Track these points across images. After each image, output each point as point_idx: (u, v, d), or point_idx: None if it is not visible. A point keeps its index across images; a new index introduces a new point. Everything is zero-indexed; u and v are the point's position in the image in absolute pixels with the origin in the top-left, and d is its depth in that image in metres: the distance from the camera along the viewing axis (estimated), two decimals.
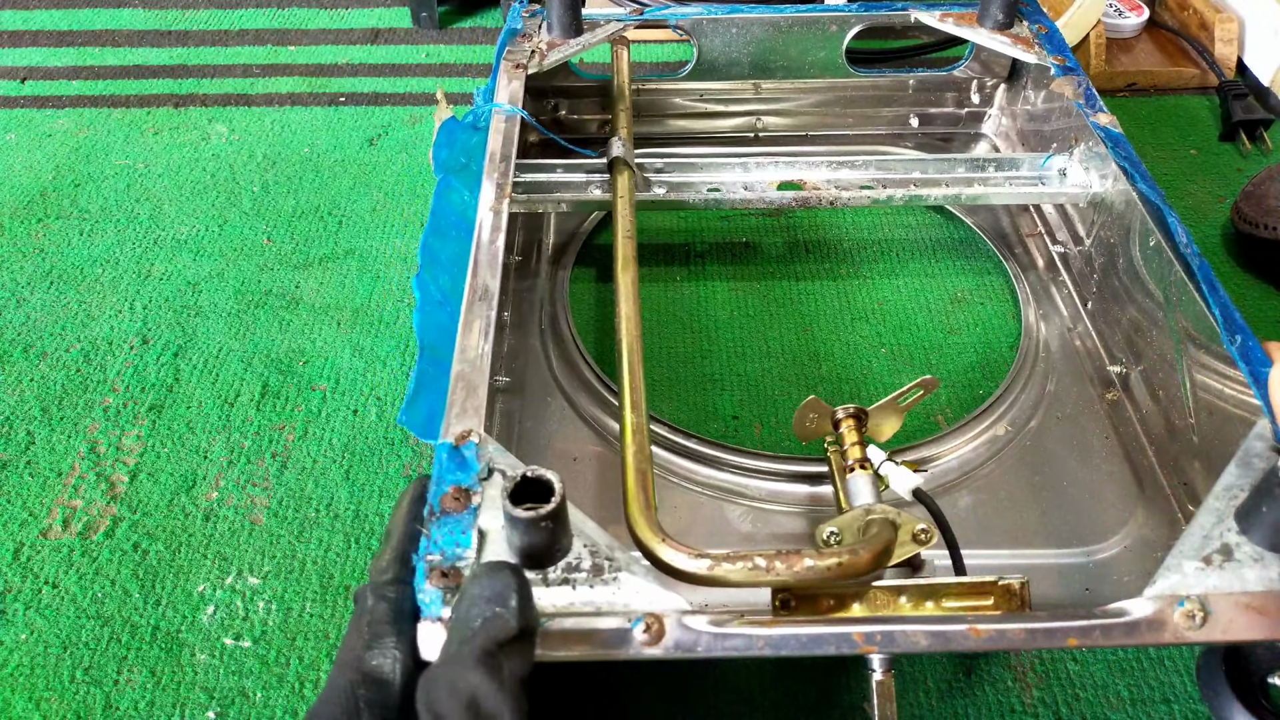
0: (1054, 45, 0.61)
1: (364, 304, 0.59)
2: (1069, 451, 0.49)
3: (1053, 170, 0.57)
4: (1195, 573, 0.33)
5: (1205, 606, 0.32)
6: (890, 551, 0.35)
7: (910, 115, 0.70)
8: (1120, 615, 0.32)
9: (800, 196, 0.56)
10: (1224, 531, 0.34)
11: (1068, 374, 0.53)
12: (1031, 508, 0.47)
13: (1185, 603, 0.32)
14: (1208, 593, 0.33)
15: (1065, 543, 0.45)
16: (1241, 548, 0.34)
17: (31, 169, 0.69)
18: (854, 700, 0.41)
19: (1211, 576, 0.33)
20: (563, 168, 0.56)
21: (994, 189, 0.56)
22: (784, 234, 0.64)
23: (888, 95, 0.69)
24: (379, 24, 0.86)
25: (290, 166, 0.69)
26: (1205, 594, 0.33)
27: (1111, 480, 0.48)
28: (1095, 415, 0.51)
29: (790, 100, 0.69)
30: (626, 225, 0.51)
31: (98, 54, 0.82)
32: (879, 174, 0.57)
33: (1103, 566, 0.45)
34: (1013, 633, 0.32)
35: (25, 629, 0.43)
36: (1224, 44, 0.76)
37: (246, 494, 0.48)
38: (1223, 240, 0.63)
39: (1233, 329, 0.42)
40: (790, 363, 0.55)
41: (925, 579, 0.35)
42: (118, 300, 0.59)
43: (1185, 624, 0.32)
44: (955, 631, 0.31)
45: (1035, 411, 0.51)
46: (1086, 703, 0.41)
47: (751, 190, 0.56)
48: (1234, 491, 0.36)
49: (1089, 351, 0.54)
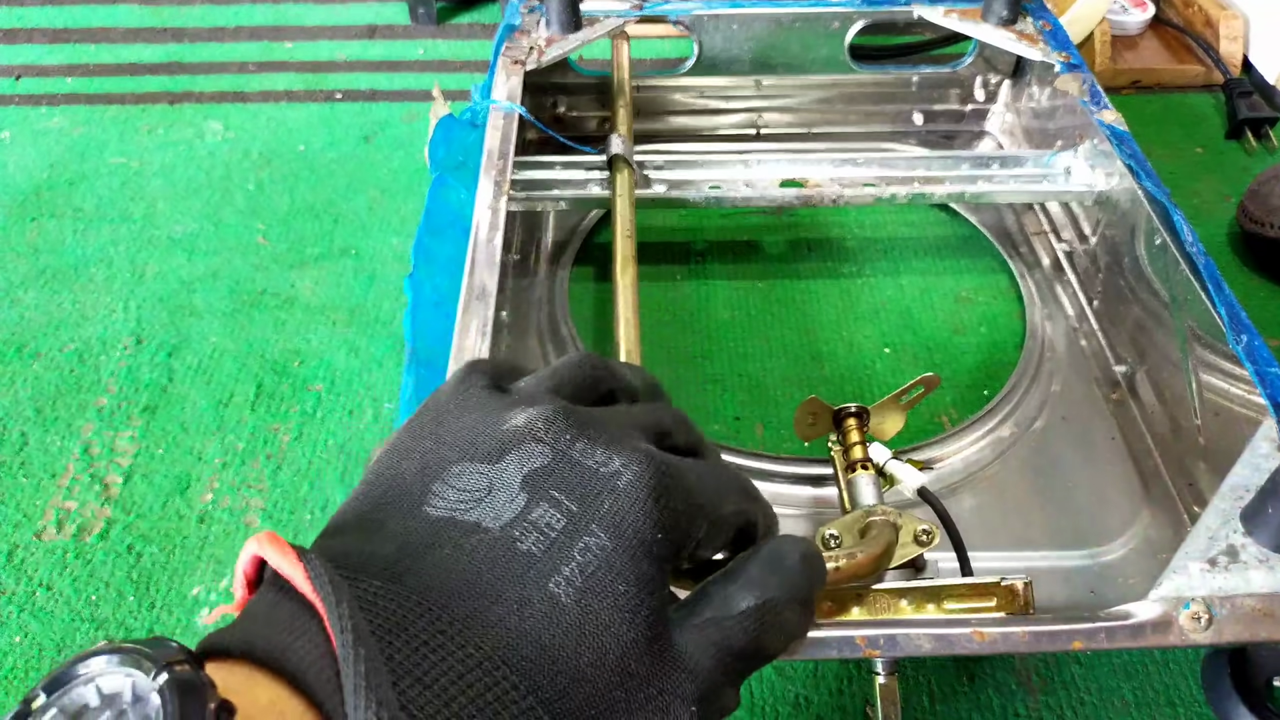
0: (1058, 41, 0.60)
1: (360, 303, 0.58)
2: (1074, 452, 0.49)
3: (1058, 168, 0.56)
4: (1201, 574, 0.33)
5: (1210, 609, 0.32)
6: (890, 554, 0.34)
7: (914, 112, 0.69)
8: (1125, 618, 0.32)
9: (803, 194, 0.55)
10: (1230, 533, 0.34)
11: (1073, 374, 0.53)
12: (1036, 509, 0.46)
13: (1191, 605, 0.32)
14: (1213, 595, 0.33)
15: (1070, 544, 0.45)
16: (1247, 549, 0.34)
17: (25, 167, 0.69)
18: (857, 706, 0.40)
19: (1217, 578, 0.33)
20: (561, 165, 0.56)
21: (998, 186, 0.56)
22: (786, 233, 0.63)
23: (891, 92, 0.68)
24: (376, 20, 0.85)
25: (285, 164, 0.69)
26: (1210, 596, 0.33)
27: (1117, 481, 0.48)
28: (1101, 416, 0.51)
29: (792, 97, 0.68)
30: (626, 224, 0.51)
31: (92, 51, 0.81)
32: (882, 171, 0.56)
33: (1108, 568, 0.44)
34: (1016, 636, 0.31)
35: (19, 631, 0.43)
36: (1229, 41, 0.75)
37: (241, 496, 0.48)
38: (1229, 239, 0.62)
39: (1238, 328, 0.41)
40: (792, 363, 0.54)
41: (926, 581, 0.35)
42: (112, 300, 0.58)
43: (1191, 626, 0.32)
44: (959, 635, 0.31)
45: (1040, 412, 0.51)
46: (1091, 707, 0.40)
47: (753, 188, 0.56)
48: (1239, 492, 0.35)
49: (1094, 351, 0.54)
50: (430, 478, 0.23)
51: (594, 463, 0.23)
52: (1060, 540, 0.45)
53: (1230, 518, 0.35)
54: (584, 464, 0.23)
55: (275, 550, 0.20)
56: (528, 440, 0.23)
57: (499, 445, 0.23)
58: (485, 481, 0.23)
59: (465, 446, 0.24)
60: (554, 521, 0.22)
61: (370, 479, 0.24)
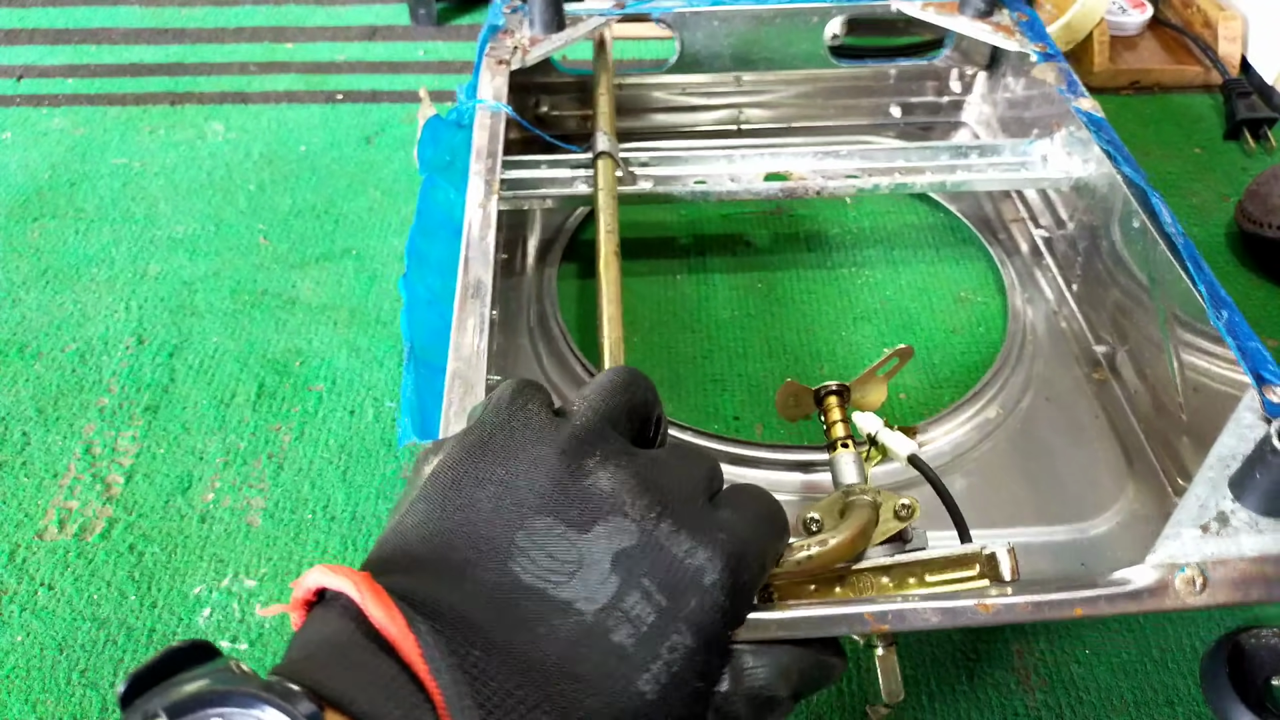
0: (1035, 32, 0.61)
1: (361, 303, 0.58)
2: (1059, 431, 0.50)
3: (1035, 155, 0.57)
4: (1194, 540, 0.34)
5: (1205, 572, 0.33)
6: (868, 533, 0.34)
7: (891, 105, 0.70)
8: (1124, 584, 0.33)
9: (787, 187, 0.56)
10: (1220, 499, 0.35)
11: (1055, 356, 0.54)
12: (1024, 487, 0.48)
13: (1186, 569, 0.33)
14: (1206, 559, 0.34)
15: (1058, 520, 0.46)
16: (1237, 514, 0.35)
17: (27, 167, 0.69)
18: (857, 706, 0.40)
19: (1210, 543, 0.34)
20: (547, 164, 0.56)
21: (978, 175, 0.57)
22: (786, 233, 0.63)
23: (869, 86, 0.69)
24: (376, 21, 0.85)
25: (287, 165, 0.69)
26: (1204, 560, 0.33)
27: (1101, 458, 0.49)
28: (1084, 395, 0.52)
29: (772, 92, 0.69)
30: (609, 220, 0.51)
31: (94, 52, 0.81)
32: (864, 163, 0.57)
33: (1096, 542, 0.46)
34: (1020, 606, 0.32)
35: (21, 631, 0.43)
36: (1228, 42, 0.75)
37: (243, 495, 0.48)
38: (1227, 239, 0.63)
39: (1219, 304, 0.43)
40: (793, 363, 0.54)
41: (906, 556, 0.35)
42: (113, 300, 0.59)
43: (1186, 590, 0.33)
44: (964, 607, 0.32)
45: (1024, 394, 0.52)
46: (1090, 706, 0.40)
47: (738, 182, 0.56)
48: (1227, 461, 0.37)
49: (1075, 334, 0.55)
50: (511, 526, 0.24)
51: (680, 552, 0.24)
52: (1049, 517, 0.46)
53: (1219, 485, 0.36)
54: (671, 552, 0.24)
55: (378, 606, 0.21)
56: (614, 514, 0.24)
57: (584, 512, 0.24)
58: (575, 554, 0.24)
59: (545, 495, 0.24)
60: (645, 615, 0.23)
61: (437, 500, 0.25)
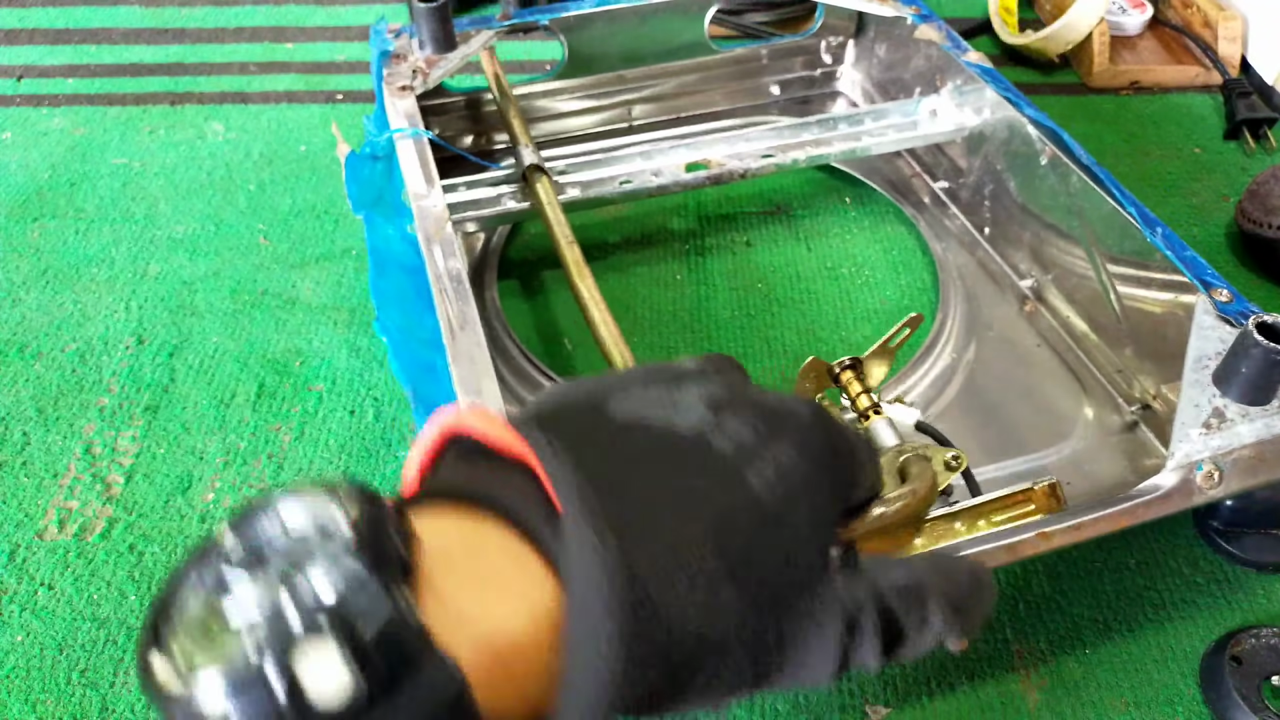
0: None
1: (361, 303, 0.58)
2: (1010, 366, 0.53)
3: (923, 112, 0.60)
4: (1200, 439, 0.37)
5: (1218, 465, 0.37)
6: (937, 484, 0.36)
7: (771, 84, 0.72)
8: (1154, 490, 0.36)
9: (711, 174, 0.57)
10: (1211, 398, 0.39)
11: (983, 296, 0.57)
12: (993, 424, 0.50)
13: (1203, 466, 0.36)
14: (1216, 453, 0.37)
15: (1032, 448, 0.48)
16: (1229, 408, 0.38)
17: (27, 167, 0.69)
18: (858, 705, 0.40)
19: (1214, 439, 0.37)
20: (465, 185, 0.55)
21: (879, 139, 0.59)
22: (786, 232, 0.63)
23: (746, 68, 0.71)
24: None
25: (287, 165, 0.69)
26: (1214, 455, 0.37)
27: (1052, 382, 0.52)
28: (1021, 329, 0.55)
29: (657, 85, 0.69)
30: (564, 230, 0.50)
31: (94, 52, 0.81)
32: (774, 141, 0.59)
33: (1071, 460, 0.48)
34: (1069, 530, 0.35)
35: (21, 631, 0.43)
36: (1228, 42, 0.75)
37: (243, 495, 0.48)
38: (1227, 239, 0.63)
39: (1150, 223, 0.46)
40: (793, 363, 0.54)
41: (972, 501, 0.37)
42: (113, 300, 0.59)
43: (1207, 484, 0.36)
44: (1027, 540, 0.34)
45: (970, 338, 0.54)
46: (1091, 705, 0.40)
47: (662, 176, 0.57)
48: (1204, 362, 0.40)
49: (999, 273, 0.58)
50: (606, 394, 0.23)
51: (771, 400, 0.24)
52: (1024, 447, 0.48)
53: (1205, 385, 0.39)
54: (761, 400, 0.24)
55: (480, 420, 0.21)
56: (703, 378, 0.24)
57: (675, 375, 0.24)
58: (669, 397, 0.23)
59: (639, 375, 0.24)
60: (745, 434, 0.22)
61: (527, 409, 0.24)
